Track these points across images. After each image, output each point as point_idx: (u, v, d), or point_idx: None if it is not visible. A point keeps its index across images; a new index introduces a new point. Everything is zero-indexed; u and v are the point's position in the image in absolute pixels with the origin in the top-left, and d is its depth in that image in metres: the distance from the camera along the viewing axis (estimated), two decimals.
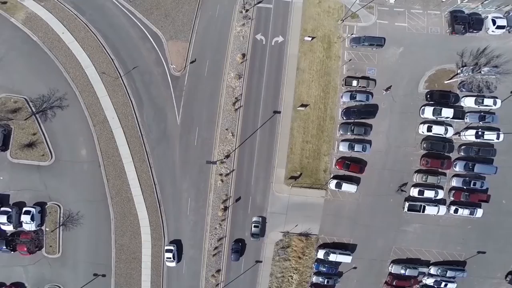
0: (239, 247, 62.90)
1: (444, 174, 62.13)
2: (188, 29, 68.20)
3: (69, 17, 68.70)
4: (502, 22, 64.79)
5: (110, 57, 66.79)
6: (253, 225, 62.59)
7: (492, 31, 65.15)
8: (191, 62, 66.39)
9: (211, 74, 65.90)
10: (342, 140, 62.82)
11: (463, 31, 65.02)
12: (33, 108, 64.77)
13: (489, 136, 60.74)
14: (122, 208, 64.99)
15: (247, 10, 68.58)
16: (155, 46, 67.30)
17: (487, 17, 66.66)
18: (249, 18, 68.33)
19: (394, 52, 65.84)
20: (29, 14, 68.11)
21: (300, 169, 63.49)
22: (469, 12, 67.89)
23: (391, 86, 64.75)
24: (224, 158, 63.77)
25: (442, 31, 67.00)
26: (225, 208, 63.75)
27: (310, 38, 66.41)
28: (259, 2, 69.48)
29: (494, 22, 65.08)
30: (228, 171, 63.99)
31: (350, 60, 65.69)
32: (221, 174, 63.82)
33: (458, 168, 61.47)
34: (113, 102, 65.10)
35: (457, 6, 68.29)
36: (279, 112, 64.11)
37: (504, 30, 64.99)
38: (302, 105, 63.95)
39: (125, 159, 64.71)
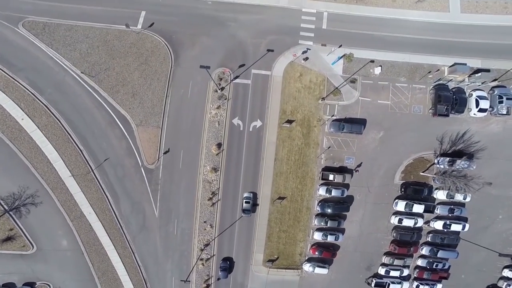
0: (227, 265, 67.34)
1: (411, 255, 66.72)
2: (159, 111, 64.06)
3: (26, 98, 63.32)
4: (485, 104, 63.06)
5: (78, 147, 63.53)
6: (244, 201, 63.74)
7: (474, 114, 63.65)
8: (164, 153, 63.92)
9: (186, 166, 64.19)
10: (317, 229, 65.28)
11: (445, 113, 63.38)
12: (5, 206, 63.37)
13: (456, 227, 64.04)
14: (110, 285, 68.59)
15: (222, 89, 63.95)
16: (125, 133, 63.90)
17: (472, 95, 64.45)
18: (225, 99, 64.06)
19: (374, 137, 64.56)
20: None
21: (277, 253, 66.93)
22: (455, 85, 65.28)
23: (361, 163, 64.82)
24: (204, 247, 66.06)
25: (425, 110, 65.09)
26: (208, 286, 68.31)
27: (289, 125, 63.77)
28: (236, 77, 64.41)
29: (477, 103, 63.17)
30: (209, 256, 66.99)
31: (329, 147, 64.43)
32: (202, 259, 66.91)
33: (424, 251, 65.99)
34: (88, 198, 63.99)
35: (443, 78, 65.14)
36: (257, 205, 64.72)
37: (485, 113, 63.47)
38: (280, 198, 64.47)
39: (107, 247, 66.23)
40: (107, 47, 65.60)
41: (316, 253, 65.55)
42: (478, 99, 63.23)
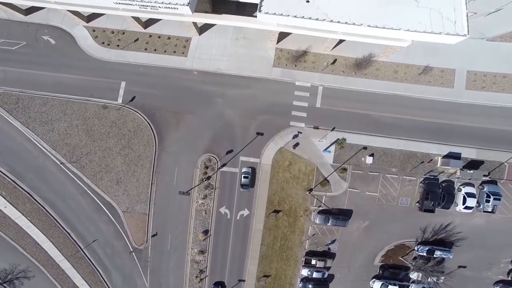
0: None
1: None
2: (144, 199, 63.57)
3: (7, 186, 62.36)
4: (471, 202, 63.22)
5: (65, 231, 64.10)
6: (242, 175, 62.79)
7: (460, 210, 64.29)
8: (152, 236, 64.91)
9: (174, 248, 65.70)
10: None
11: (432, 208, 63.94)
12: None
13: None
14: None
15: (209, 178, 62.67)
16: (112, 219, 64.16)
17: (461, 189, 64.29)
18: (212, 188, 63.11)
19: (359, 227, 65.61)
20: None
21: None
22: (446, 178, 64.69)
23: (335, 240, 66.76)
24: None
25: (412, 203, 65.16)
26: None
27: (275, 214, 64.27)
28: (223, 165, 62.78)
29: (464, 200, 63.37)
30: None
31: (314, 234, 65.75)
32: None
33: None
34: (80, 272, 66.46)
35: (435, 170, 64.30)
36: (244, 281, 68.09)
37: (471, 210, 64.11)
38: (265, 276, 67.72)
39: None
40: (87, 126, 62.00)
41: None
42: (466, 196, 62.97)
